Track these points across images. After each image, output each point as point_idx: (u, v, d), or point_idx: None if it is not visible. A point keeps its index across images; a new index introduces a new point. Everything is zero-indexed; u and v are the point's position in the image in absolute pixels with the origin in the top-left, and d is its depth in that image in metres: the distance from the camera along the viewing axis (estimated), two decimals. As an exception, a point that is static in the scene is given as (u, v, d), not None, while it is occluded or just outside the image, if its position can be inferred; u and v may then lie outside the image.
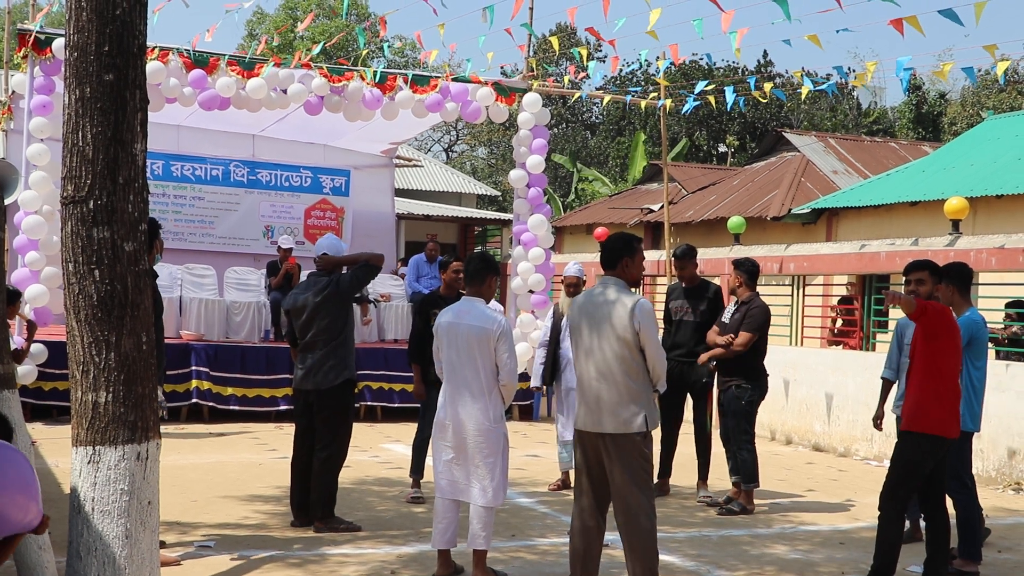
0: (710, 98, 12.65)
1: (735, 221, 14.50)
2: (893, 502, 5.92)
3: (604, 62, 37.60)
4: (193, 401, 12.03)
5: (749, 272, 8.30)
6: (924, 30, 8.17)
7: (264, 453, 10.19)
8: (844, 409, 11.41)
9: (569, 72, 14.53)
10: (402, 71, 13.20)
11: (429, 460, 6.83)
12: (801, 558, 6.79)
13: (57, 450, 9.25)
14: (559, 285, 17.07)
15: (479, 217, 27.61)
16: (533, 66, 13.60)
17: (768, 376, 8.37)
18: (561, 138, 42.49)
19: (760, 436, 9.38)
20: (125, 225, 4.31)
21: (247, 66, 11.80)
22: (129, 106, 4.34)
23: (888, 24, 8.40)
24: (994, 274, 11.12)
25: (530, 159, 13.07)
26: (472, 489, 5.88)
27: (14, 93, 12.84)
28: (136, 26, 4.37)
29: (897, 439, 6.16)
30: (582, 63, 13.63)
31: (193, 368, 12.11)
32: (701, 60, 36.23)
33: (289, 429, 8.64)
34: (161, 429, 4.52)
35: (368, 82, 12.28)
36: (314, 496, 7.12)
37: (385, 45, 13.61)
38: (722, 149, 39.79)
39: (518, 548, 6.76)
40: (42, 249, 10.89)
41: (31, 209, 10.85)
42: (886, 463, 7.60)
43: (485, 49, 29.20)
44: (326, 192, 16.85)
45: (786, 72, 35.54)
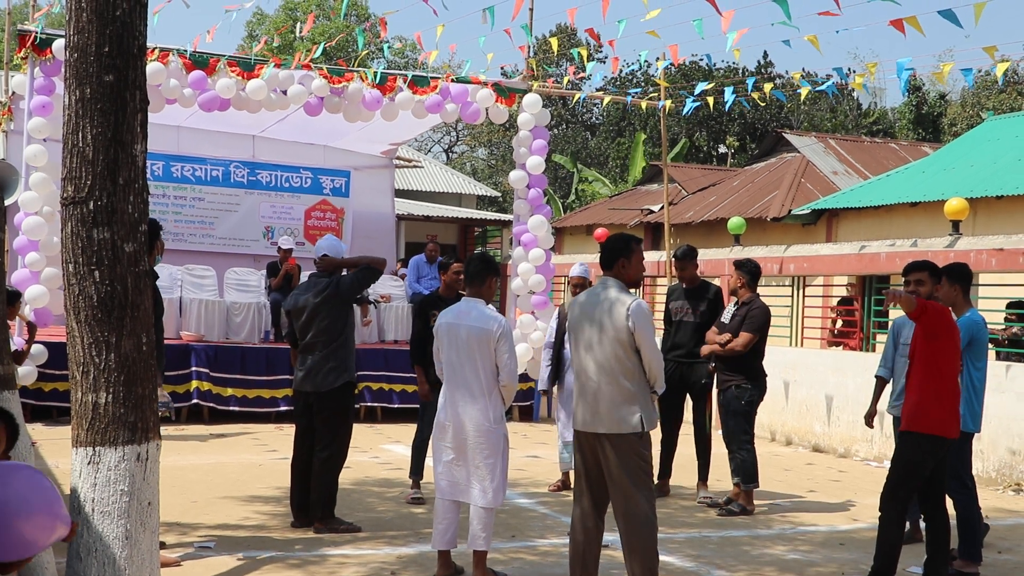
0: (709, 99, 12.64)
1: (735, 222, 14.51)
2: (893, 503, 5.92)
3: (604, 63, 37.65)
4: (193, 402, 12.03)
5: (751, 273, 8.32)
6: (924, 31, 8.17)
7: (264, 454, 10.19)
8: (844, 410, 11.40)
9: (568, 73, 14.52)
10: (402, 72, 13.18)
11: (429, 461, 6.83)
12: (801, 559, 6.79)
13: (57, 451, 9.25)
14: (559, 286, 17.21)
15: (479, 218, 27.60)
16: (533, 67, 13.60)
17: (767, 377, 8.38)
18: (561, 139, 42.48)
19: (760, 437, 9.38)
20: (125, 226, 4.32)
21: (247, 67, 11.79)
22: (129, 107, 4.34)
23: (888, 24, 8.41)
24: (994, 275, 11.12)
25: (530, 160, 13.07)
26: (472, 490, 5.88)
27: (14, 94, 12.84)
28: (136, 27, 4.37)
29: (897, 439, 6.16)
30: (581, 64, 13.63)
31: (193, 369, 12.11)
32: (701, 61, 36.26)
33: (289, 430, 8.64)
34: (161, 430, 4.53)
35: (368, 83, 12.27)
36: (314, 497, 7.12)
37: (385, 46, 13.60)
38: (722, 150, 39.79)
39: (518, 549, 6.76)
40: (42, 250, 10.88)
41: (31, 210, 10.85)
42: (886, 464, 7.60)
43: (485, 50, 29.21)
44: (326, 193, 16.85)
45: (786, 73, 35.54)
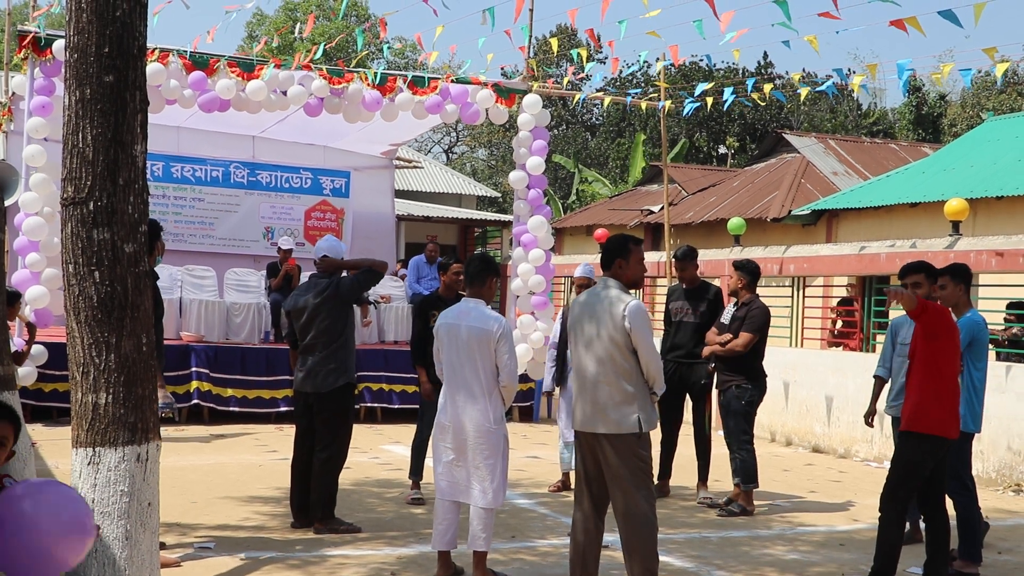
0: (708, 99, 12.64)
1: (735, 222, 14.50)
2: (893, 503, 5.92)
3: (604, 63, 37.65)
4: (193, 402, 12.03)
5: (753, 274, 8.33)
6: (925, 32, 8.17)
7: (264, 454, 10.19)
8: (844, 410, 11.40)
9: (568, 73, 14.51)
10: (402, 73, 13.17)
11: (429, 461, 6.83)
12: (801, 559, 6.80)
13: (57, 451, 9.25)
14: (559, 286, 17.20)
15: (479, 218, 27.61)
16: (533, 67, 13.60)
17: (767, 377, 8.39)
18: (561, 139, 42.48)
19: (760, 437, 9.38)
20: (125, 226, 4.32)
21: (247, 68, 11.79)
22: (129, 107, 4.34)
23: (889, 25, 8.41)
24: (994, 275, 11.12)
25: (530, 160, 13.06)
26: (472, 490, 5.88)
27: (14, 95, 12.83)
28: (136, 27, 4.37)
29: (896, 440, 6.16)
30: (580, 64, 13.62)
31: (193, 369, 12.11)
32: (701, 61, 36.26)
33: (289, 430, 8.64)
34: (162, 431, 4.53)
35: (368, 84, 12.26)
36: (314, 497, 7.12)
37: (385, 46, 13.59)
38: (722, 150, 39.79)
39: (518, 549, 6.76)
40: (43, 251, 10.87)
41: (31, 211, 10.84)
42: (886, 464, 7.60)
43: (485, 51, 29.24)
44: (326, 193, 16.85)
45: (786, 74, 35.54)
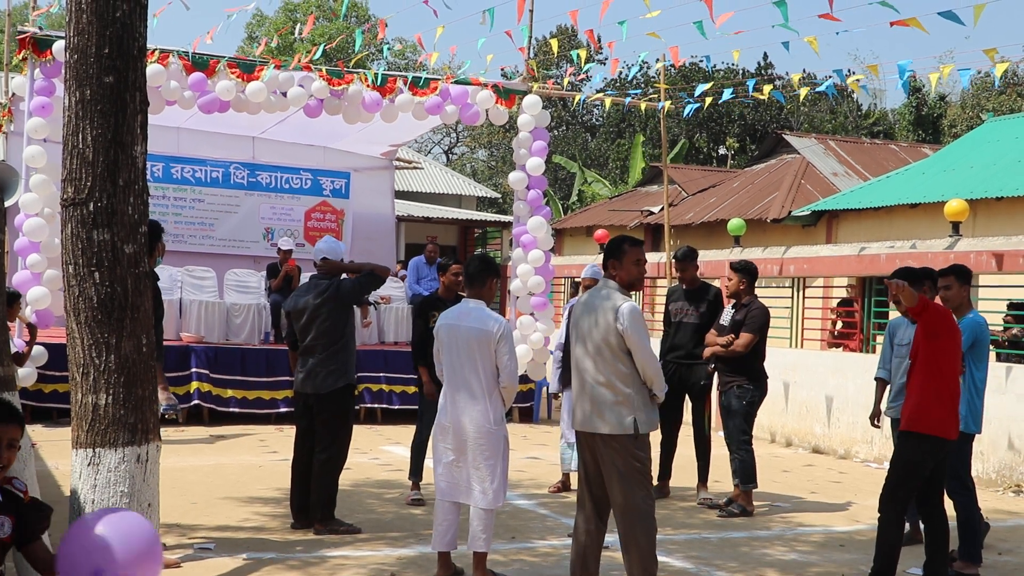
0: (707, 99, 12.63)
1: (735, 223, 14.50)
2: (893, 504, 5.92)
3: (604, 64, 37.67)
4: (193, 403, 12.03)
5: (753, 275, 8.34)
6: (927, 30, 8.19)
7: (264, 455, 10.19)
8: (844, 411, 11.40)
9: (567, 74, 14.49)
10: (402, 74, 13.16)
11: (428, 462, 6.83)
12: (801, 560, 6.79)
13: (57, 452, 9.24)
14: (559, 287, 17.19)
15: (479, 219, 27.61)
16: (533, 68, 13.59)
17: (768, 378, 8.38)
18: (561, 140, 42.47)
19: (760, 438, 9.37)
20: (125, 227, 4.32)
21: (247, 69, 11.78)
22: (129, 108, 4.35)
23: (891, 25, 8.41)
24: (994, 276, 11.12)
25: (530, 161, 13.06)
26: (472, 491, 5.88)
27: (14, 95, 12.83)
28: (136, 28, 4.37)
29: (896, 440, 6.15)
30: (579, 65, 13.62)
31: (193, 370, 12.11)
32: (701, 62, 36.23)
33: (289, 431, 8.64)
34: (162, 432, 4.52)
35: (368, 85, 12.26)
36: (314, 498, 7.12)
37: (385, 47, 13.58)
38: (722, 151, 39.78)
39: (518, 550, 6.76)
40: (44, 251, 10.88)
41: (32, 212, 10.85)
42: (886, 465, 7.59)
43: (485, 52, 29.23)
44: (326, 194, 16.85)
45: (786, 74, 35.55)
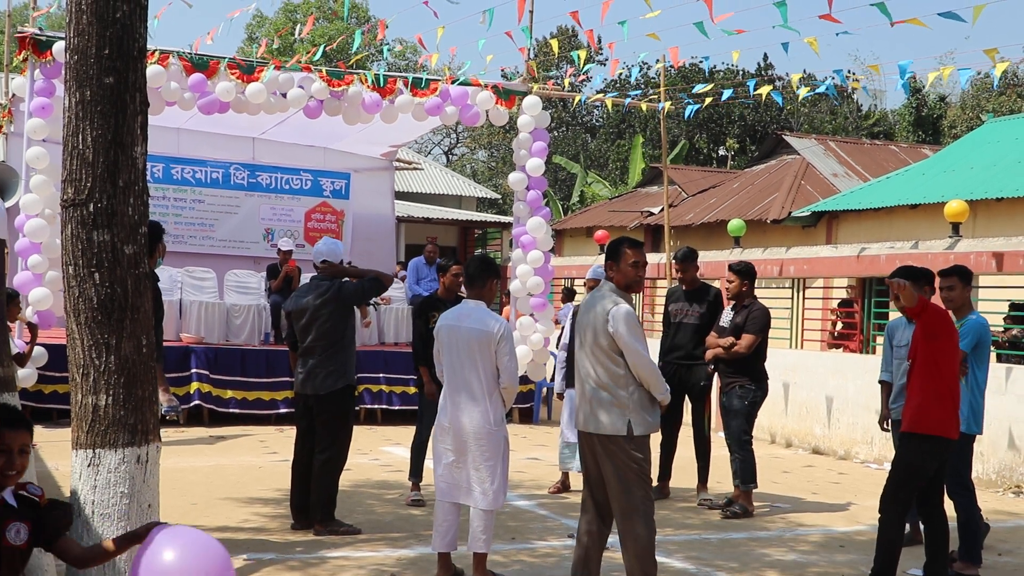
0: (707, 99, 12.64)
1: (735, 224, 14.51)
2: (894, 505, 5.91)
3: (604, 65, 37.67)
4: (193, 404, 12.03)
5: (752, 276, 8.35)
6: (926, 33, 8.21)
7: (264, 456, 10.19)
8: (844, 412, 11.40)
9: (567, 74, 14.50)
10: (402, 74, 13.15)
11: (428, 463, 6.83)
12: (801, 560, 6.79)
13: (57, 453, 9.25)
14: (559, 288, 17.19)
15: (479, 220, 27.61)
16: (534, 68, 13.59)
17: (769, 379, 8.38)
18: (562, 141, 42.47)
19: (760, 439, 9.37)
20: (125, 228, 4.32)
21: (247, 70, 11.78)
22: (129, 109, 4.35)
23: (891, 25, 8.43)
24: (994, 277, 11.12)
25: (530, 162, 13.06)
26: (472, 492, 5.88)
27: (15, 96, 12.83)
28: (136, 29, 4.37)
29: (896, 441, 6.15)
30: (579, 66, 13.62)
31: (193, 371, 12.11)
32: (701, 63, 36.19)
33: (289, 432, 8.64)
34: (162, 433, 4.53)
35: (368, 85, 12.25)
36: (314, 499, 7.12)
37: (385, 48, 13.58)
38: (722, 152, 39.78)
39: (518, 551, 6.76)
40: (45, 252, 10.88)
41: (32, 212, 10.85)
42: (886, 466, 7.60)
43: (485, 52, 29.24)
44: (326, 195, 16.85)
45: (786, 75, 35.53)
